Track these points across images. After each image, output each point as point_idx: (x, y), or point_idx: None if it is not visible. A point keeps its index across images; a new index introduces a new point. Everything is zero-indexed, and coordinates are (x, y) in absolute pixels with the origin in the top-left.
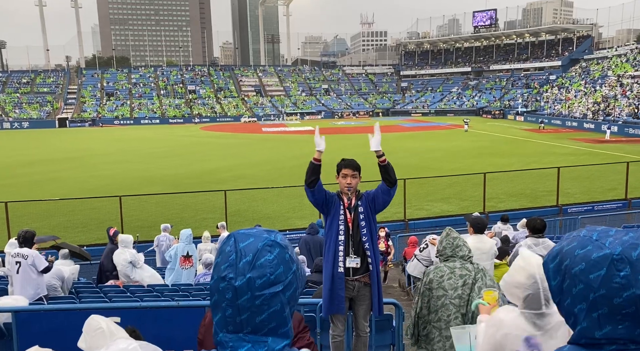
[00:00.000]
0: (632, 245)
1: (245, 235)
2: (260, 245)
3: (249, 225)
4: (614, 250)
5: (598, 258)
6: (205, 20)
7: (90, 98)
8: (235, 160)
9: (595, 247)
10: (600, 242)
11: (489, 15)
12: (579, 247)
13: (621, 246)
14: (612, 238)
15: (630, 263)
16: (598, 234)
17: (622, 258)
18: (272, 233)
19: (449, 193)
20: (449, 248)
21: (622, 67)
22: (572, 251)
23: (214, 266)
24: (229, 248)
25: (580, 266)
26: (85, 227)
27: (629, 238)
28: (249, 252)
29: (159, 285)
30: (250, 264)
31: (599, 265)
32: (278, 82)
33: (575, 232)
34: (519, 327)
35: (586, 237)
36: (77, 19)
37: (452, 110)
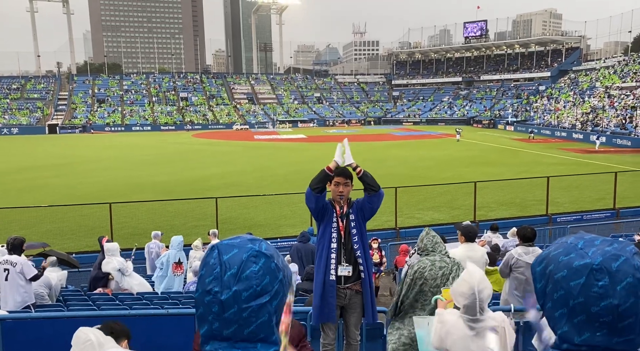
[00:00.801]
0: (614, 256)
1: (228, 246)
2: (245, 256)
3: (241, 232)
4: (595, 260)
5: (579, 266)
6: (198, 27)
7: (81, 104)
8: (227, 168)
9: (578, 255)
10: (584, 251)
11: (480, 26)
12: (564, 253)
13: (602, 256)
14: (596, 248)
15: (610, 273)
16: (584, 242)
17: (602, 269)
18: (257, 243)
19: (439, 202)
20: (430, 244)
21: (609, 79)
22: (557, 257)
23: (197, 279)
24: (213, 261)
25: (562, 273)
26: (75, 234)
27: (611, 249)
28: (233, 264)
29: (148, 292)
30: (235, 277)
31: (579, 273)
32: (270, 89)
33: (565, 238)
34: (458, 327)
35: (572, 244)
36: (68, 25)
37: (443, 120)
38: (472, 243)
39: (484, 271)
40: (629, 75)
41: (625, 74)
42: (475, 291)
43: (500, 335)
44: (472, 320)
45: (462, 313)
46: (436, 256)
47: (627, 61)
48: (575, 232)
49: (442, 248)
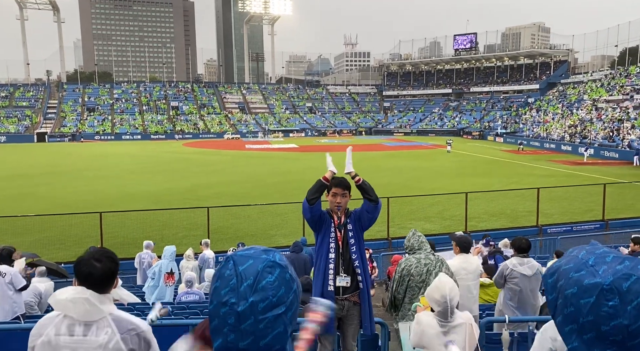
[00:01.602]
0: (625, 275)
1: (244, 257)
2: (261, 266)
3: (232, 243)
4: (605, 280)
5: (589, 285)
6: (190, 37)
7: (70, 113)
8: (218, 177)
9: (588, 273)
10: (594, 268)
11: (470, 38)
12: (574, 269)
13: (613, 276)
14: (607, 265)
15: (620, 293)
16: (595, 259)
17: (612, 289)
18: (271, 253)
19: (431, 212)
20: (416, 243)
21: (597, 92)
22: (568, 272)
23: (212, 291)
24: (229, 272)
25: (572, 290)
26: (63, 244)
27: (622, 268)
28: (249, 275)
29: (139, 303)
30: (251, 287)
31: (589, 292)
32: (262, 99)
33: (577, 250)
34: (432, 326)
35: (583, 260)
36: (59, 34)
37: (433, 131)
38: (466, 254)
39: (480, 284)
40: (616, 88)
41: (612, 87)
42: (447, 299)
43: (468, 330)
44: (444, 320)
45: (436, 315)
46: (422, 254)
47: (613, 75)
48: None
49: (427, 246)
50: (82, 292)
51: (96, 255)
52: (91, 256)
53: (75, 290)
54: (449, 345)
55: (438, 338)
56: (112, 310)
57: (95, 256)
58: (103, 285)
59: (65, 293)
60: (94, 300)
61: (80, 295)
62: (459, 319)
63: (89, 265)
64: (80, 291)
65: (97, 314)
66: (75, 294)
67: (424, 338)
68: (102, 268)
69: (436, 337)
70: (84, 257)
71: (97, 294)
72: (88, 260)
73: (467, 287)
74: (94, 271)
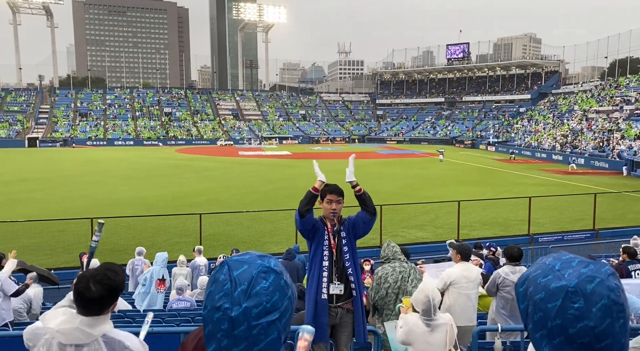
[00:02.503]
0: (589, 277)
1: (238, 262)
2: (255, 272)
3: (224, 249)
4: (570, 282)
5: (555, 288)
6: (184, 43)
7: (62, 118)
8: (211, 184)
9: (555, 277)
10: (560, 273)
11: (462, 48)
12: (542, 275)
13: (577, 278)
14: (572, 269)
15: (585, 295)
16: (561, 264)
17: (577, 291)
18: (266, 259)
19: (423, 221)
20: (391, 254)
21: (587, 102)
22: (536, 278)
23: (206, 296)
24: (223, 277)
25: (540, 295)
26: (53, 250)
27: (587, 271)
28: (244, 280)
29: (129, 310)
30: (245, 293)
31: (555, 295)
32: (256, 106)
33: (545, 258)
34: (418, 325)
35: (549, 265)
36: (52, 39)
37: (426, 139)
38: (467, 262)
39: (479, 294)
40: (606, 99)
41: (602, 97)
42: (430, 299)
43: (448, 329)
44: (428, 319)
45: (421, 315)
46: (396, 263)
47: (603, 85)
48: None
49: (401, 256)
50: (70, 321)
51: (97, 276)
52: (92, 275)
53: (64, 317)
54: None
55: (423, 335)
56: (106, 330)
57: (95, 277)
58: (95, 309)
59: (54, 320)
60: (83, 326)
61: (68, 326)
62: (441, 319)
63: (85, 286)
64: (69, 319)
65: (87, 338)
66: (64, 324)
67: (410, 336)
68: (95, 293)
69: (422, 335)
70: (86, 274)
71: (88, 319)
72: (87, 279)
73: (467, 296)
74: (87, 294)
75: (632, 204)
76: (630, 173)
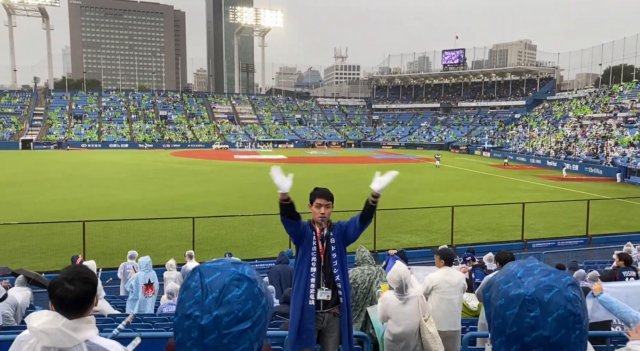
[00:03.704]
0: (547, 287)
1: (211, 269)
2: (228, 279)
3: (218, 253)
4: (528, 291)
5: (513, 296)
6: (180, 47)
7: (57, 120)
8: (205, 187)
9: (515, 284)
10: (521, 280)
11: (458, 54)
12: (504, 281)
13: (535, 287)
14: (533, 277)
15: (541, 304)
16: (523, 271)
17: (534, 300)
18: (240, 266)
19: (417, 226)
20: (360, 258)
21: (581, 109)
22: (498, 285)
23: (177, 303)
24: (194, 284)
25: (500, 302)
26: (45, 253)
27: (546, 280)
28: (215, 288)
29: (119, 315)
30: (217, 301)
31: (513, 303)
32: (252, 110)
33: (512, 264)
34: (392, 300)
35: (512, 272)
36: (48, 41)
37: (421, 144)
38: (449, 267)
39: (461, 298)
40: (600, 106)
41: (596, 105)
42: (402, 278)
43: (420, 301)
44: (401, 295)
45: (395, 292)
46: (365, 266)
47: (597, 93)
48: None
49: (370, 260)
50: (54, 322)
51: (69, 276)
52: (64, 278)
53: (48, 318)
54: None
55: (397, 307)
56: (89, 336)
57: (68, 277)
58: (78, 309)
59: (38, 320)
60: (66, 329)
61: (52, 326)
62: (412, 293)
63: (62, 288)
64: (52, 320)
65: (70, 342)
66: (48, 324)
67: (387, 309)
68: (75, 291)
69: (396, 308)
70: (57, 278)
71: (71, 321)
72: (61, 282)
73: (450, 300)
74: (67, 295)
75: (625, 211)
76: (623, 180)
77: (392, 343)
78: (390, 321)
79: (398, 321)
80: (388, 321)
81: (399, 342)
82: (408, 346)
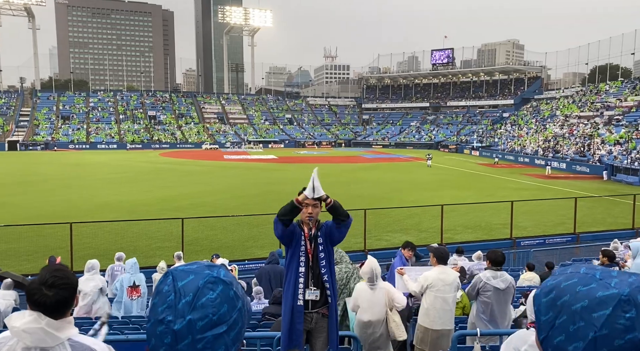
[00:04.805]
0: (639, 287)
1: (184, 272)
2: (202, 282)
3: (207, 254)
4: (622, 291)
5: (604, 297)
6: (169, 46)
7: (44, 121)
8: (195, 188)
9: (600, 285)
10: (605, 282)
11: (447, 54)
12: (581, 284)
13: (629, 287)
14: (617, 279)
15: (637, 305)
16: (601, 273)
17: (630, 300)
18: (215, 269)
19: (408, 224)
20: (338, 258)
21: (569, 108)
22: (574, 287)
23: (150, 308)
24: (167, 288)
25: (582, 303)
26: (32, 255)
27: (634, 281)
28: (188, 291)
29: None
30: (190, 305)
31: (604, 304)
32: (241, 110)
33: (571, 269)
34: (364, 289)
35: (588, 275)
36: (34, 41)
37: (411, 143)
38: (444, 265)
39: (455, 297)
40: (587, 104)
41: (583, 103)
42: (373, 269)
43: (387, 292)
44: (372, 284)
45: (367, 282)
46: (342, 265)
47: (584, 91)
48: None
49: (347, 259)
50: (37, 321)
51: (48, 281)
52: (42, 282)
53: (31, 317)
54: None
55: (367, 295)
56: (71, 334)
57: (47, 282)
58: (58, 312)
59: (20, 319)
60: (50, 328)
61: (35, 325)
62: (380, 284)
63: (40, 294)
64: (35, 319)
65: (53, 341)
66: (30, 323)
67: (358, 299)
68: (54, 297)
69: (366, 296)
70: (35, 282)
71: (54, 321)
72: (39, 287)
73: (444, 299)
74: (46, 300)
75: (611, 208)
76: (610, 177)
77: (361, 330)
78: (360, 309)
79: (367, 308)
80: (358, 309)
81: (367, 329)
82: (375, 333)
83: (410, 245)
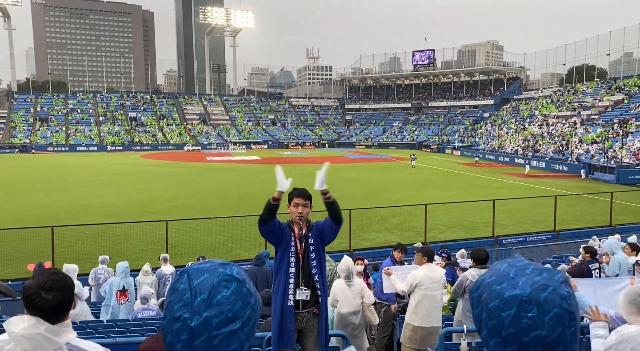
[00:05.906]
0: (542, 286)
1: (199, 270)
2: (216, 280)
3: (192, 256)
4: (524, 291)
5: (509, 297)
6: (149, 47)
7: (21, 123)
8: (178, 189)
9: (509, 285)
10: (515, 281)
11: (428, 55)
12: (497, 282)
13: (531, 287)
14: (526, 277)
15: (538, 304)
16: (515, 271)
17: (530, 300)
18: (228, 267)
19: (392, 224)
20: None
21: (547, 108)
22: (490, 285)
23: (166, 306)
24: (183, 286)
25: (494, 303)
26: (12, 260)
27: (540, 279)
28: (204, 289)
29: (92, 321)
30: (206, 302)
31: (509, 304)
32: (224, 111)
33: (500, 263)
34: (341, 285)
35: (504, 273)
36: (9, 41)
37: (394, 144)
38: (431, 263)
39: (442, 294)
40: (565, 104)
41: (561, 103)
42: (349, 267)
43: (362, 290)
44: (349, 281)
45: (344, 279)
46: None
47: (562, 92)
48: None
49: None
50: (36, 327)
51: (47, 284)
52: (40, 286)
53: (30, 322)
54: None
55: (344, 291)
56: (69, 339)
57: (45, 286)
58: (57, 316)
59: (19, 324)
60: (49, 334)
61: (34, 331)
62: (357, 282)
63: (40, 298)
64: (34, 325)
65: (51, 346)
66: (29, 329)
67: (338, 294)
68: (53, 300)
69: (343, 291)
70: (32, 286)
71: (53, 326)
72: (37, 291)
73: (433, 296)
74: (45, 304)
75: (589, 206)
76: (588, 176)
77: (341, 321)
78: (339, 304)
79: (345, 302)
80: (337, 304)
81: (345, 320)
82: (354, 322)
83: (400, 247)
